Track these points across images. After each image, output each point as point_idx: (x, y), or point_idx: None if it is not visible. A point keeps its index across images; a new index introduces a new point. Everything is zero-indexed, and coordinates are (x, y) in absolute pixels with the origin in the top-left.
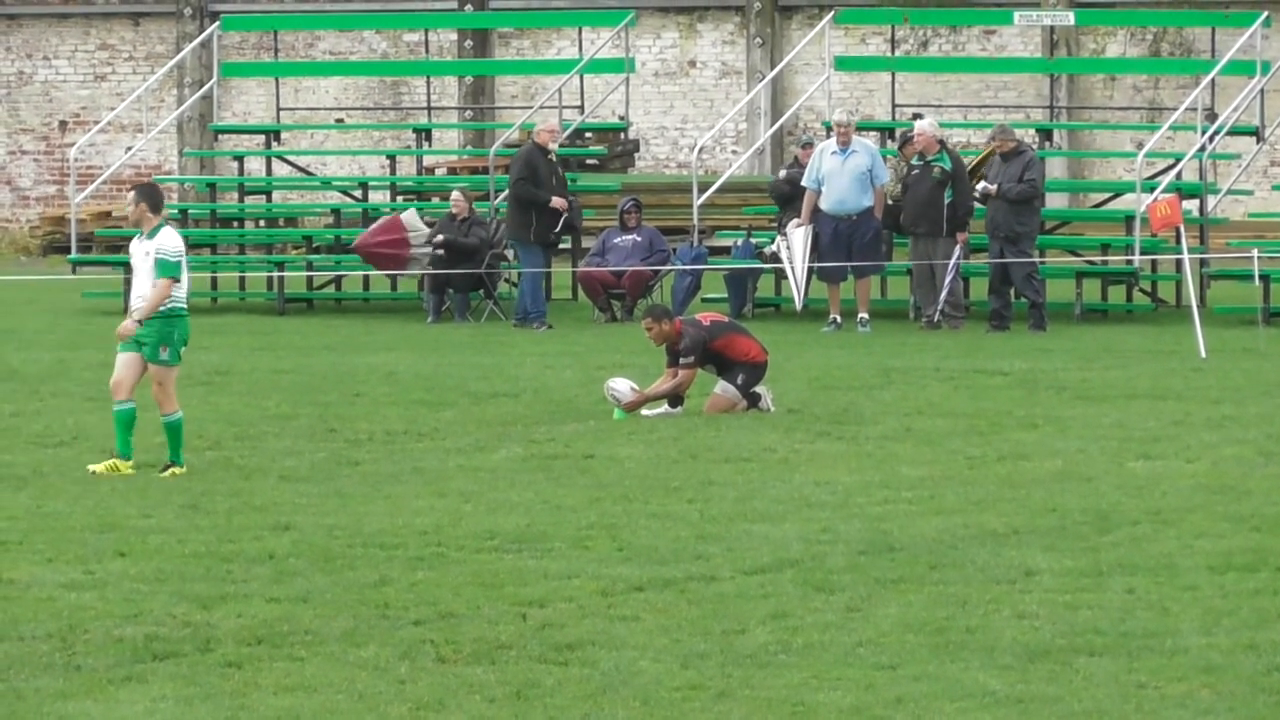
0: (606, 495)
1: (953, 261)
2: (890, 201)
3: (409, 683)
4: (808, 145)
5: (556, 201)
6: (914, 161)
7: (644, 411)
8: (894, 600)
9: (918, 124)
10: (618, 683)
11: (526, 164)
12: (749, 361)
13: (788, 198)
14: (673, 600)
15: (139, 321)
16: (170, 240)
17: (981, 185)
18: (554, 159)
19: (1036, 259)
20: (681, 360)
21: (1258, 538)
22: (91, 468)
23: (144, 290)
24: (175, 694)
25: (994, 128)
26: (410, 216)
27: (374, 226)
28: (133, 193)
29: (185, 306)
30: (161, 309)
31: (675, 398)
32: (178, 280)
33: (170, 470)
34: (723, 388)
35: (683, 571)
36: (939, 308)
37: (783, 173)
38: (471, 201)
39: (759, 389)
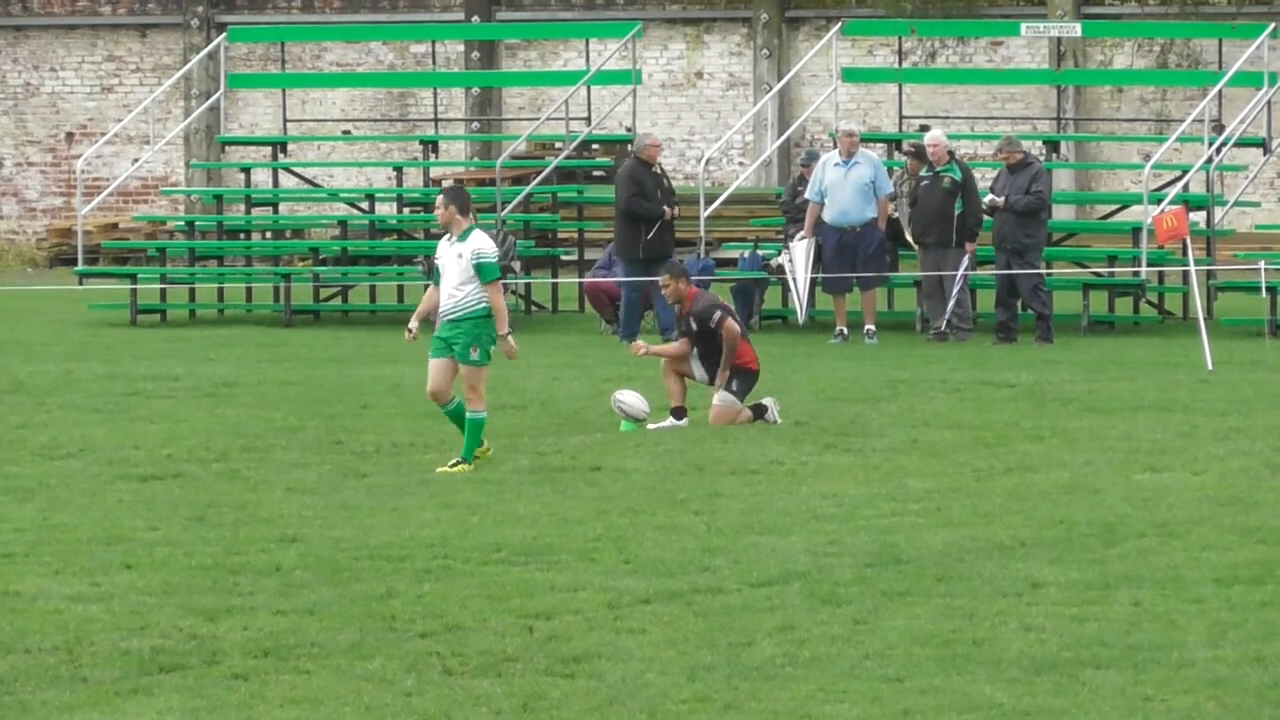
0: (613, 507)
1: (961, 272)
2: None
3: (415, 695)
4: (808, 163)
5: (668, 212)
6: (923, 173)
7: (650, 425)
8: (901, 613)
9: (929, 134)
10: (624, 695)
11: (633, 179)
12: (744, 367)
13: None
14: (679, 613)
15: (507, 335)
16: (487, 242)
17: (989, 198)
18: (658, 172)
19: (1043, 271)
20: (713, 322)
21: (1264, 550)
22: (442, 469)
23: (454, 291)
24: (181, 706)
25: (1001, 139)
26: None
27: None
28: (441, 195)
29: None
30: (475, 310)
31: (680, 409)
32: (501, 279)
33: (459, 466)
34: (721, 398)
35: (689, 584)
36: (947, 318)
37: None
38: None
39: (766, 401)
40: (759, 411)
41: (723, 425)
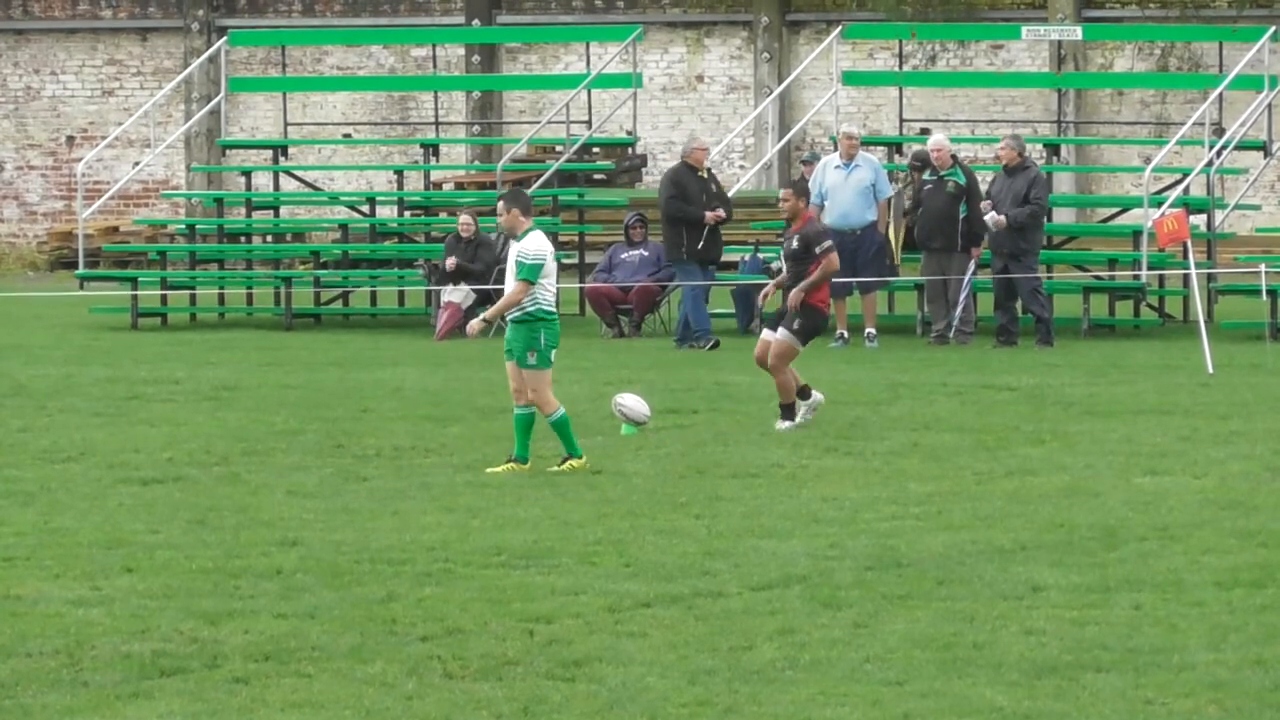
0: (614, 511)
1: (967, 277)
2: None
3: (416, 699)
4: (809, 162)
5: (710, 215)
6: (926, 176)
7: (779, 425)
8: (901, 616)
9: (932, 139)
10: (625, 699)
11: (674, 182)
12: (815, 305)
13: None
14: (680, 616)
15: (486, 320)
16: (533, 243)
17: (991, 216)
18: (705, 176)
19: (1043, 275)
20: (819, 249)
21: (1265, 553)
22: (490, 469)
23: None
24: (182, 710)
25: (1007, 137)
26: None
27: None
28: (501, 201)
29: (553, 310)
30: (529, 312)
31: (790, 407)
32: (533, 283)
33: (568, 463)
34: (783, 334)
35: (690, 587)
36: (954, 323)
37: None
38: (477, 221)
39: (818, 395)
40: (804, 393)
41: (779, 364)
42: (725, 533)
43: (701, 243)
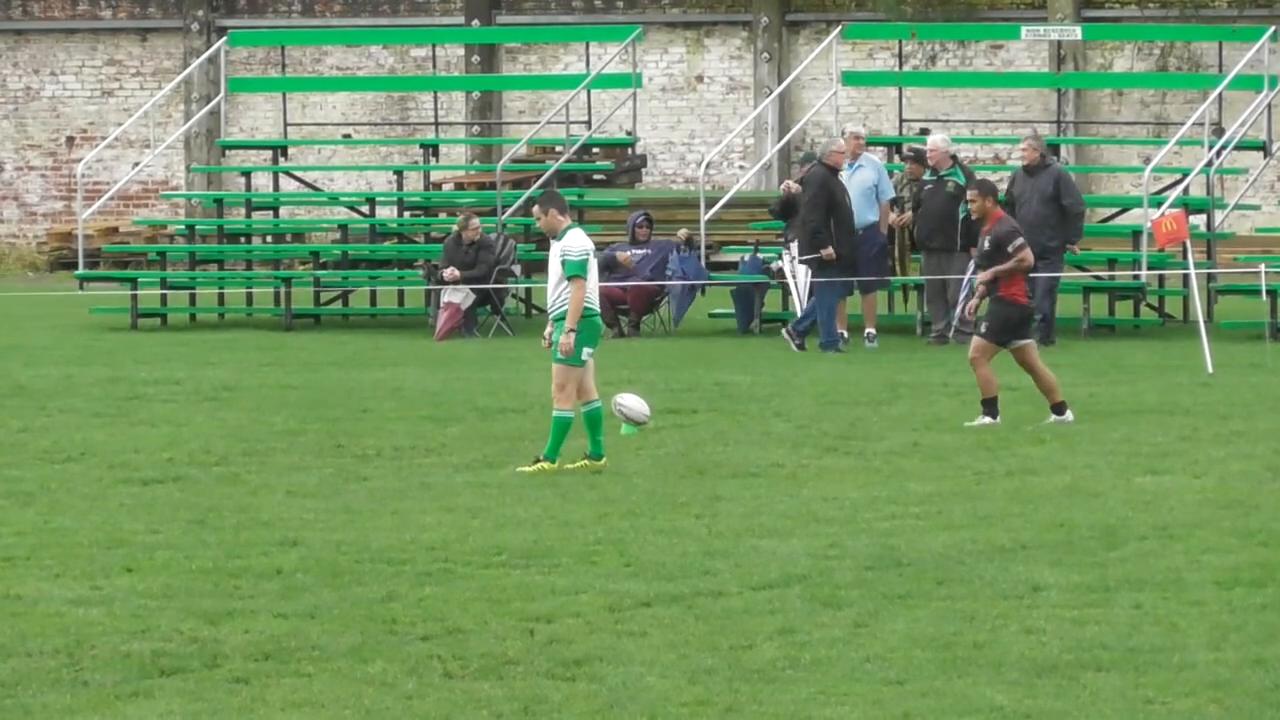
0: (614, 511)
1: (966, 278)
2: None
3: (416, 698)
4: (805, 163)
5: (826, 254)
6: (926, 176)
7: (968, 423)
8: (901, 615)
9: (930, 139)
10: (625, 698)
11: (821, 186)
12: (1010, 298)
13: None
14: (680, 616)
15: (572, 330)
16: (574, 241)
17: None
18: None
19: (1050, 275)
20: (1011, 247)
21: (1265, 553)
22: (523, 468)
23: (555, 290)
24: (182, 710)
25: (1028, 137)
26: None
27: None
28: (536, 206)
29: (592, 307)
30: (568, 309)
31: (992, 402)
32: (584, 279)
33: (540, 464)
34: (974, 341)
35: (690, 587)
36: (953, 323)
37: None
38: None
39: (1070, 413)
40: (1060, 408)
41: (976, 359)
42: (725, 532)
43: (846, 247)
